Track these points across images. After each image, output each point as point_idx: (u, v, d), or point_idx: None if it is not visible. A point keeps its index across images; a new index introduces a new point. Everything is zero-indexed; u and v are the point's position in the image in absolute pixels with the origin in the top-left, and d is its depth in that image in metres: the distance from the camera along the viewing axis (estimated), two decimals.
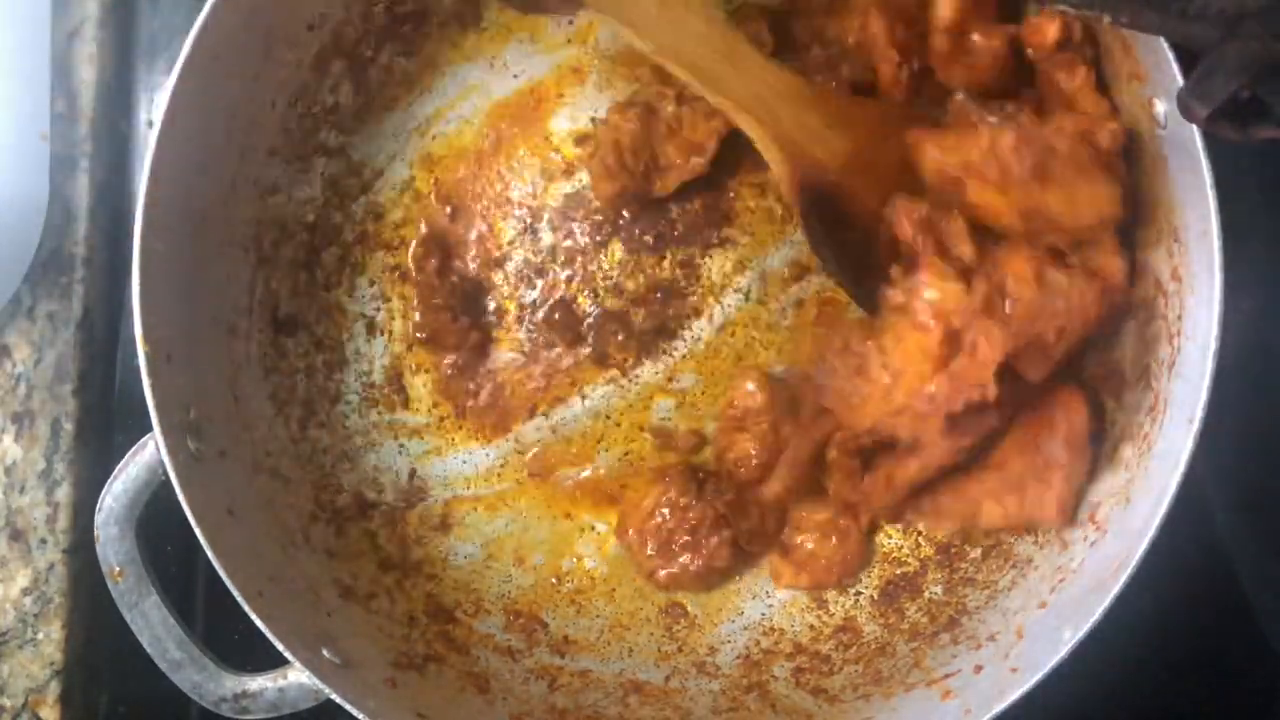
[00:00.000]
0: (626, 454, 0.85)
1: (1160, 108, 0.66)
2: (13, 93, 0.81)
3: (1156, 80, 0.66)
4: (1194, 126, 0.62)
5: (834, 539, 0.81)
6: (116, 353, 0.87)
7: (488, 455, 0.85)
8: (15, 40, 0.82)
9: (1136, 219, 0.73)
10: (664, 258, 0.85)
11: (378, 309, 0.86)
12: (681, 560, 0.81)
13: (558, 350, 0.85)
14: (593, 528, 0.86)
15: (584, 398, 0.85)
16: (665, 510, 0.81)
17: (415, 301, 0.84)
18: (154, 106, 0.77)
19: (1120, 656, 0.73)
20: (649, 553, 0.82)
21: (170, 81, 0.70)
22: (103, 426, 0.86)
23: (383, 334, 0.86)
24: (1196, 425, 0.64)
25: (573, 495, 0.85)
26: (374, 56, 0.83)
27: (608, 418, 0.85)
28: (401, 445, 0.86)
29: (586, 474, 0.85)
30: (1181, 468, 0.64)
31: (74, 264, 0.78)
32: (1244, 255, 0.64)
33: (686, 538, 0.81)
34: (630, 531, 0.83)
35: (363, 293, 0.85)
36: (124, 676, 0.86)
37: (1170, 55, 0.63)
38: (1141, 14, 0.51)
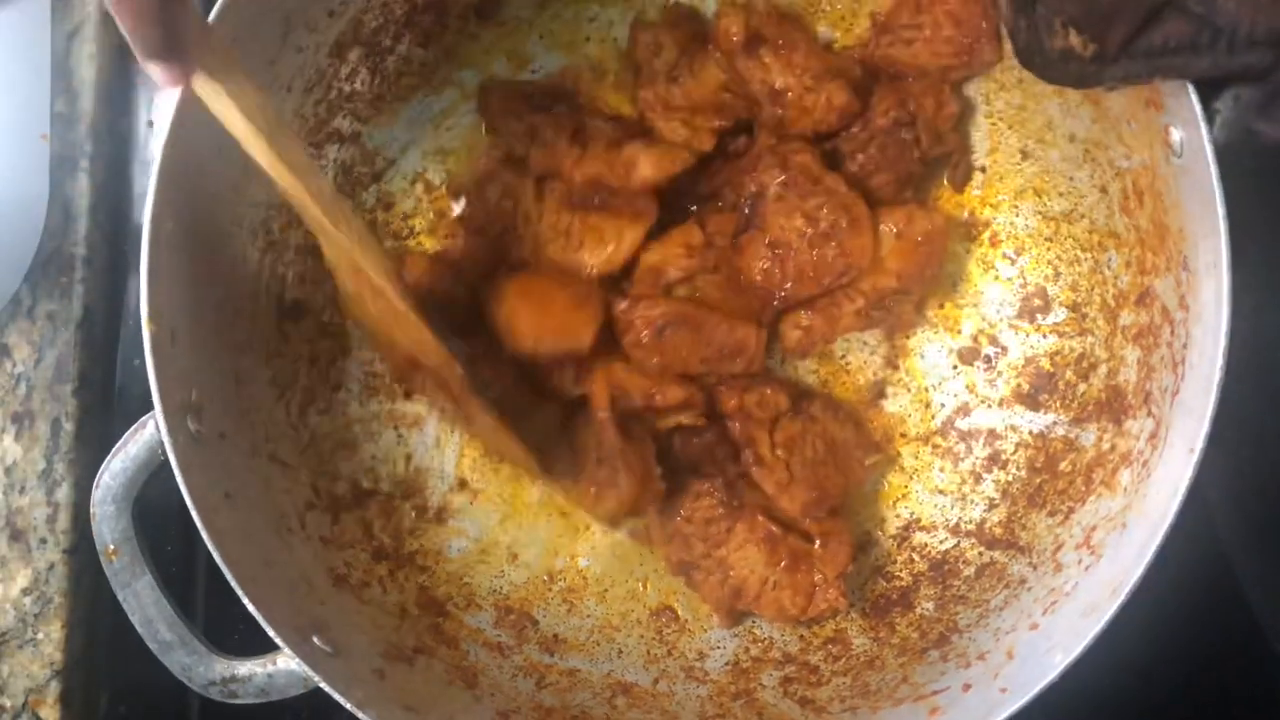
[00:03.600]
0: None
1: (1176, 136, 0.66)
2: (13, 93, 0.81)
3: (1173, 109, 0.66)
4: (1209, 156, 0.63)
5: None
6: (116, 353, 0.86)
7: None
8: (15, 40, 0.82)
9: (1146, 245, 0.74)
10: None
11: None
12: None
13: None
14: (588, 526, 0.86)
15: None
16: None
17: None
18: (154, 106, 0.77)
19: (1121, 658, 0.72)
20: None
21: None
22: (103, 427, 0.86)
23: None
24: (1197, 455, 0.64)
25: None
26: (392, 46, 0.82)
27: None
28: (400, 435, 0.85)
29: None
30: (1180, 496, 0.64)
31: (74, 264, 0.77)
32: (1246, 260, 0.64)
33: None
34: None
35: None
36: (124, 676, 0.86)
37: (1189, 84, 0.63)
38: (1191, 63, 0.51)
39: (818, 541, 0.80)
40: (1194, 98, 0.63)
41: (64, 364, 0.75)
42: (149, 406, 0.69)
